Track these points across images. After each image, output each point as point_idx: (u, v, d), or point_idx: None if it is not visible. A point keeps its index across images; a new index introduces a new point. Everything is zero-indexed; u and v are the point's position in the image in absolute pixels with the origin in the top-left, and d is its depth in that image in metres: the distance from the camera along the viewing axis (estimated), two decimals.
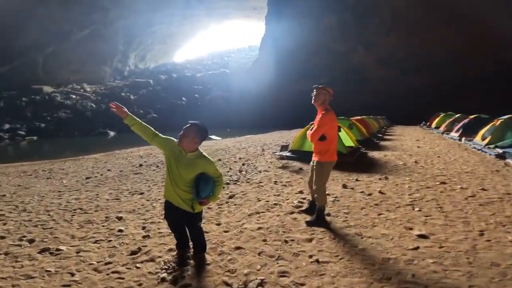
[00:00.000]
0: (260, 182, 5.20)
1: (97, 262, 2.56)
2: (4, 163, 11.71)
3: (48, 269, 2.53)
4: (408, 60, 25.48)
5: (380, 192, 4.20)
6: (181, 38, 61.77)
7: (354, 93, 25.20)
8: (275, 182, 5.13)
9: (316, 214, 3.08)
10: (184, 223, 2.28)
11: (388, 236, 2.73)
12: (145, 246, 2.77)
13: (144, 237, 2.99)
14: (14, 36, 28.70)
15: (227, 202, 4.13)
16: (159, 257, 2.52)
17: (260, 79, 29.99)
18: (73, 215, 4.29)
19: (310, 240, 2.70)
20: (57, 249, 2.96)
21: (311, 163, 3.20)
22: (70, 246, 3.05)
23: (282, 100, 26.68)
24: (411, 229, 2.86)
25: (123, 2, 34.81)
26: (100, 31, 38.16)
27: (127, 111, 2.10)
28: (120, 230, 3.30)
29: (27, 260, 2.80)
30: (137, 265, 2.44)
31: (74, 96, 32.05)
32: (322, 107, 2.97)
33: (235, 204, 4.02)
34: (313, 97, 3.03)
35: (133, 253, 2.64)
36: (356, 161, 6.45)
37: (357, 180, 4.97)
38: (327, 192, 3.48)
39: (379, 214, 3.30)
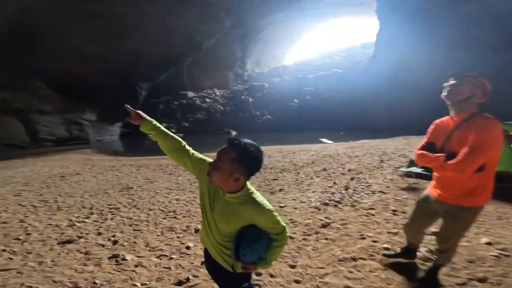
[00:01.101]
0: (371, 208, 3.89)
1: (141, 285, 2.44)
2: (156, 156, 13.92)
3: (96, 281, 2.53)
4: None
5: None
6: (289, 41, 64.14)
7: None
8: (394, 212, 3.69)
9: (432, 274, 2.19)
10: (223, 282, 1.55)
11: None
12: (197, 276, 2.46)
13: (203, 263, 2.57)
14: (168, 49, 36.81)
15: (316, 233, 3.18)
16: None
17: (378, 77, 27.68)
18: (164, 218, 4.35)
19: None
20: (123, 258, 2.97)
21: (427, 196, 2.08)
22: (136, 257, 3.01)
23: (409, 100, 23.76)
24: None
25: (234, 11, 39.11)
26: (222, 40, 44.28)
27: (144, 115, 1.56)
28: (188, 247, 3.15)
29: (92, 266, 2.87)
30: None
31: (208, 100, 38.74)
32: (468, 108, 1.81)
33: (326, 238, 3.00)
34: (449, 89, 1.85)
35: (179, 283, 2.40)
36: None
37: None
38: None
39: None
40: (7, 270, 2.86)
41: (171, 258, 2.96)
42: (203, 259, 2.28)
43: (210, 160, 1.41)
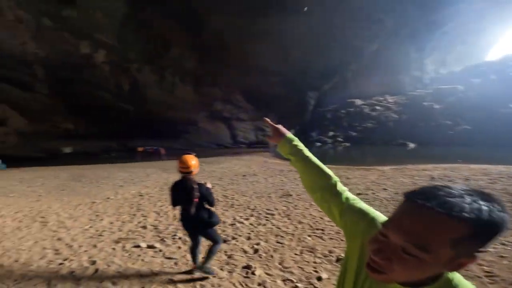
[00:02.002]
0: None
1: None
2: (333, 164, 13.80)
3: None
4: None
5: None
6: (490, 33, 48.14)
7: None
8: None
9: None
10: None
11: None
12: None
13: None
14: (328, 58, 36.87)
15: None
16: None
17: None
18: (310, 236, 4.13)
19: None
20: (253, 272, 2.97)
21: None
22: (264, 273, 2.98)
23: None
24: None
25: (396, 11, 33.19)
26: (386, 42, 39.30)
27: (283, 131, 1.13)
28: (319, 278, 2.86)
29: (226, 272, 3.02)
30: None
31: (378, 108, 35.76)
32: None
33: None
34: None
35: None
36: None
37: None
38: None
39: None
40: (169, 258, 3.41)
41: (295, 287, 2.77)
42: None
43: (379, 216, 0.82)
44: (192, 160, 2.83)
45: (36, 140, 26.32)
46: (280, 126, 1.14)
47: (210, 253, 2.93)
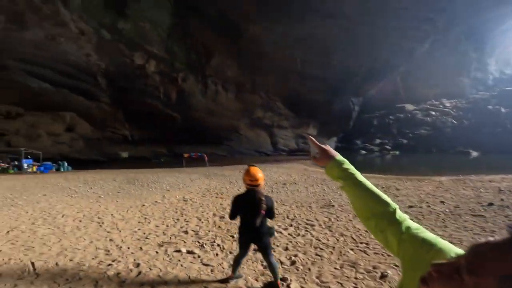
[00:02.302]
0: None
1: None
2: (376, 174, 13.40)
3: None
4: None
5: None
6: None
7: None
8: None
9: None
10: None
11: None
12: None
13: None
14: (373, 61, 34.56)
15: None
16: None
17: None
18: (352, 249, 3.90)
19: None
20: (288, 285, 2.92)
21: None
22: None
23: None
24: None
25: (446, 10, 29.57)
26: (440, 42, 35.51)
27: (332, 153, 0.99)
28: None
29: (261, 283, 2.99)
30: None
31: (433, 113, 32.70)
32: None
33: None
34: None
35: None
36: None
37: None
38: None
39: None
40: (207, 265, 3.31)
41: None
42: None
43: (448, 248, 0.71)
44: (259, 173, 2.87)
45: (99, 145, 29.70)
46: (327, 147, 1.05)
47: (273, 267, 2.89)
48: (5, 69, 22.52)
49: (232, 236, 4.56)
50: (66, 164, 21.09)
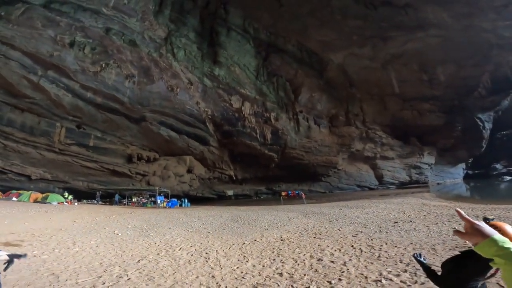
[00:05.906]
0: None
1: None
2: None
3: None
4: None
5: None
6: None
7: None
8: None
9: None
10: None
11: None
12: None
13: None
14: (489, 70, 27.16)
15: None
16: None
17: None
18: None
19: None
20: None
21: None
22: None
23: None
24: None
25: None
26: None
27: (484, 230, 0.87)
28: None
29: None
30: None
31: None
32: None
33: None
34: None
35: None
36: None
37: None
38: None
39: None
40: None
41: None
42: None
43: None
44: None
45: (211, 184, 33.98)
46: (481, 224, 0.92)
47: None
48: (144, 120, 27.71)
49: (330, 282, 4.17)
50: (186, 200, 25.04)
